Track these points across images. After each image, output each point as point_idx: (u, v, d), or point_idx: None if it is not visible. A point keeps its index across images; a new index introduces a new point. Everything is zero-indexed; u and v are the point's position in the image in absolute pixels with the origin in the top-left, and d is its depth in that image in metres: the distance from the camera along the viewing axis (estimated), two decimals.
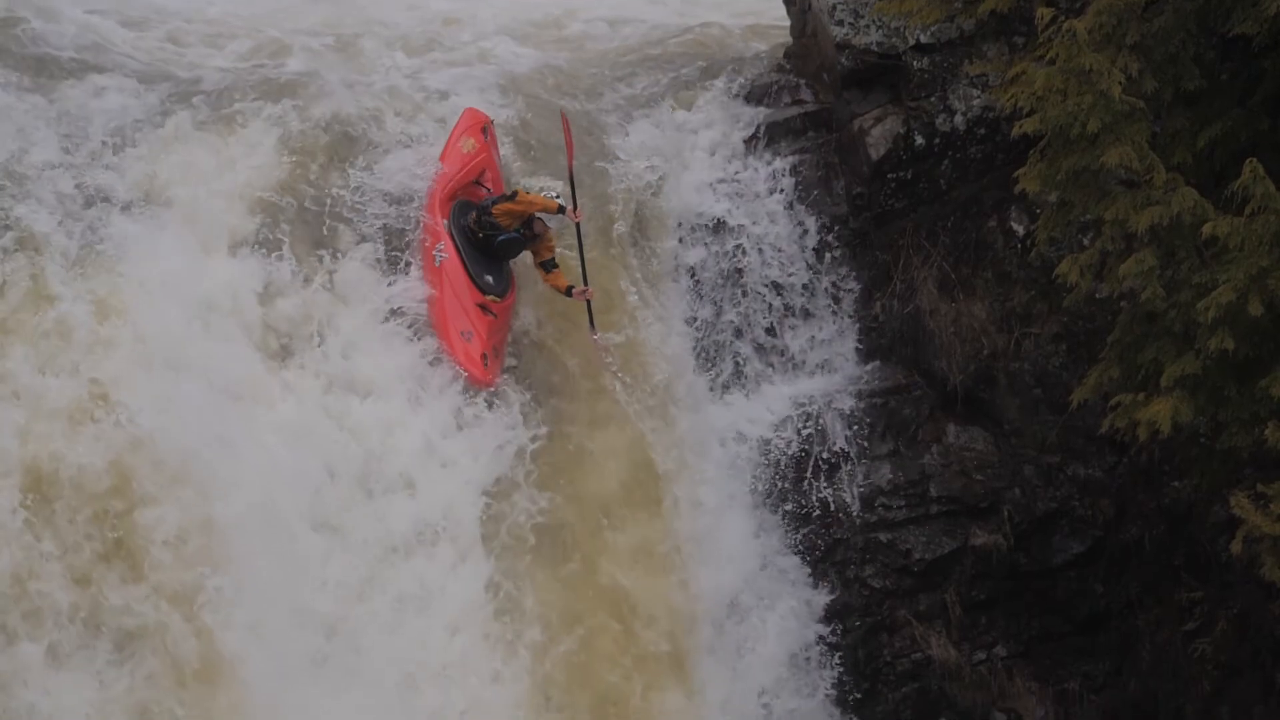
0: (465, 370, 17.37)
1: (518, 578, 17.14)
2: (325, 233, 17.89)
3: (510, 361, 17.97)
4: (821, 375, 19.15)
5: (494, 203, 17.92)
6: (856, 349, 19.25)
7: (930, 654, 18.68)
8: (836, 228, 19.23)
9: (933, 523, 18.88)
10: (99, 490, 15.81)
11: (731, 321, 19.06)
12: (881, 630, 18.80)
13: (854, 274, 19.25)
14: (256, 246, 17.57)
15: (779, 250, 19.08)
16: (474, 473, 17.23)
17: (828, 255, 19.18)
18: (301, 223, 17.84)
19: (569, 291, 17.93)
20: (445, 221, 17.89)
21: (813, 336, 19.15)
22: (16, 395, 15.94)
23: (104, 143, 18.01)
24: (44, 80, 18.75)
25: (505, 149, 19.14)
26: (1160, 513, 18.30)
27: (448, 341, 17.45)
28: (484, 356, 17.44)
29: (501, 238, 17.83)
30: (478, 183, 18.43)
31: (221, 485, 16.06)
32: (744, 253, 19.06)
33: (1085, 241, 17.14)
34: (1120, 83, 15.01)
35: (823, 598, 18.60)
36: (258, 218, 17.75)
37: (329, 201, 18.09)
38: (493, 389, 17.52)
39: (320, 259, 17.72)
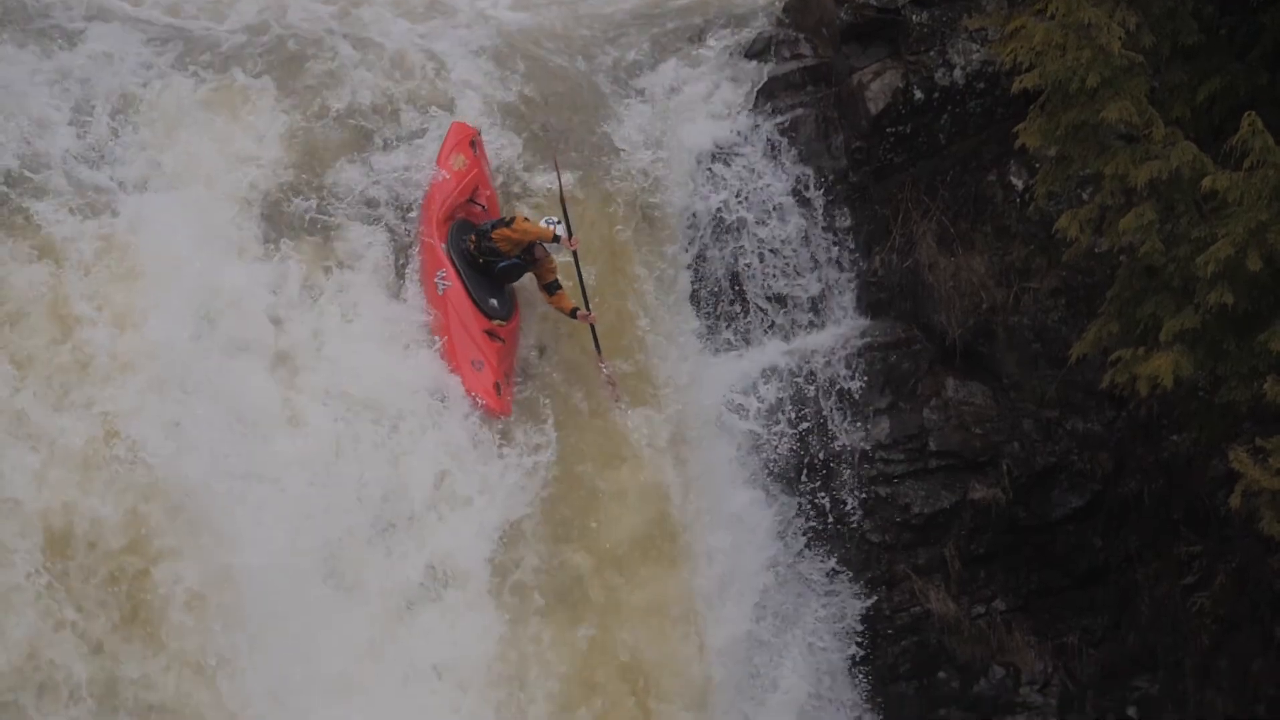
0: (480, 401, 17.13)
1: (525, 641, 16.94)
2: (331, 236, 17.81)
3: (519, 391, 17.74)
4: (819, 330, 19.14)
5: (493, 227, 17.65)
6: (855, 303, 19.24)
7: (929, 608, 18.71)
8: (835, 182, 19.15)
9: (932, 477, 18.89)
10: (115, 547, 15.60)
11: (727, 274, 19.05)
12: (880, 584, 18.81)
13: (853, 228, 19.19)
14: (263, 253, 17.48)
15: (776, 205, 19.00)
16: (486, 517, 16.96)
17: (826, 210, 19.11)
18: (306, 230, 17.74)
19: (574, 313, 17.73)
20: (444, 245, 17.65)
21: (811, 291, 19.09)
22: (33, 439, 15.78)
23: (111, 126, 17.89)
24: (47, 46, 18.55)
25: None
26: (1159, 467, 18.30)
27: (461, 373, 17.22)
28: (497, 385, 17.22)
29: (503, 264, 17.63)
30: (472, 200, 18.19)
31: (237, 532, 15.89)
32: (742, 207, 18.98)
33: (1084, 196, 17.14)
34: (1119, 37, 15.00)
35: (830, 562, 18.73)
36: (262, 216, 17.68)
37: (331, 195, 18.01)
38: (508, 417, 17.28)
39: (329, 272, 17.62)
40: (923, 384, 19.03)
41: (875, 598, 18.79)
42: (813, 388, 18.88)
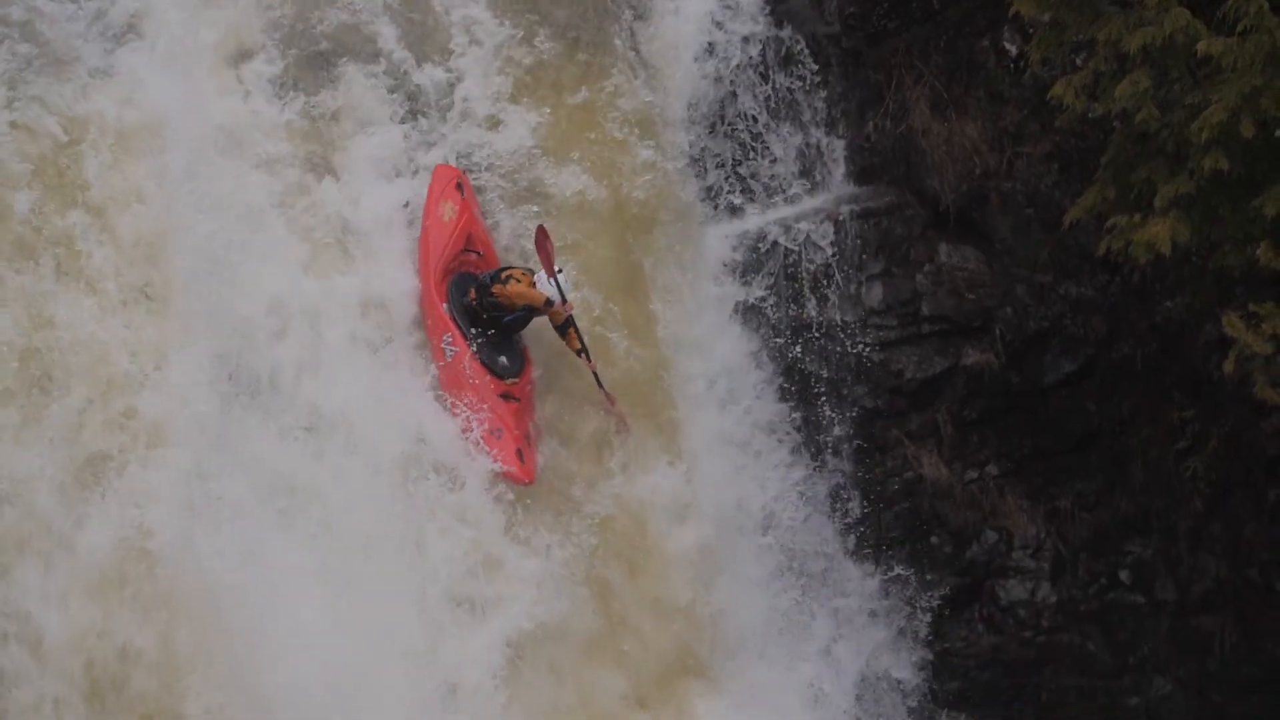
0: (504, 472, 16.76)
1: None
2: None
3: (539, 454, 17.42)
4: (811, 196, 19.04)
5: (492, 280, 17.22)
6: (847, 169, 19.13)
7: (922, 473, 18.73)
8: (828, 47, 18.99)
9: (924, 342, 18.86)
10: (148, 689, 15.42)
11: (719, 140, 18.94)
12: (873, 450, 18.82)
13: (845, 94, 19.07)
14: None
15: (768, 70, 18.85)
16: (498, 624, 16.67)
17: (818, 75, 18.96)
18: None
19: (580, 353, 17.32)
20: (445, 305, 17.24)
21: (802, 157, 18.97)
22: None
23: None
24: None
25: None
26: (1152, 332, 18.26)
27: (483, 445, 16.83)
28: (519, 452, 16.84)
29: (508, 317, 17.26)
30: (468, 249, 17.71)
31: (264, 647, 15.59)
32: (735, 69, 18.82)
33: (1078, 62, 16.95)
34: None
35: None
36: None
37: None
38: (534, 483, 16.92)
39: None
40: (915, 249, 18.94)
41: (867, 463, 18.81)
42: (804, 254, 18.78)
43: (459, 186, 17.59)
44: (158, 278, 16.19)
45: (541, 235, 17.00)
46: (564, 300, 16.98)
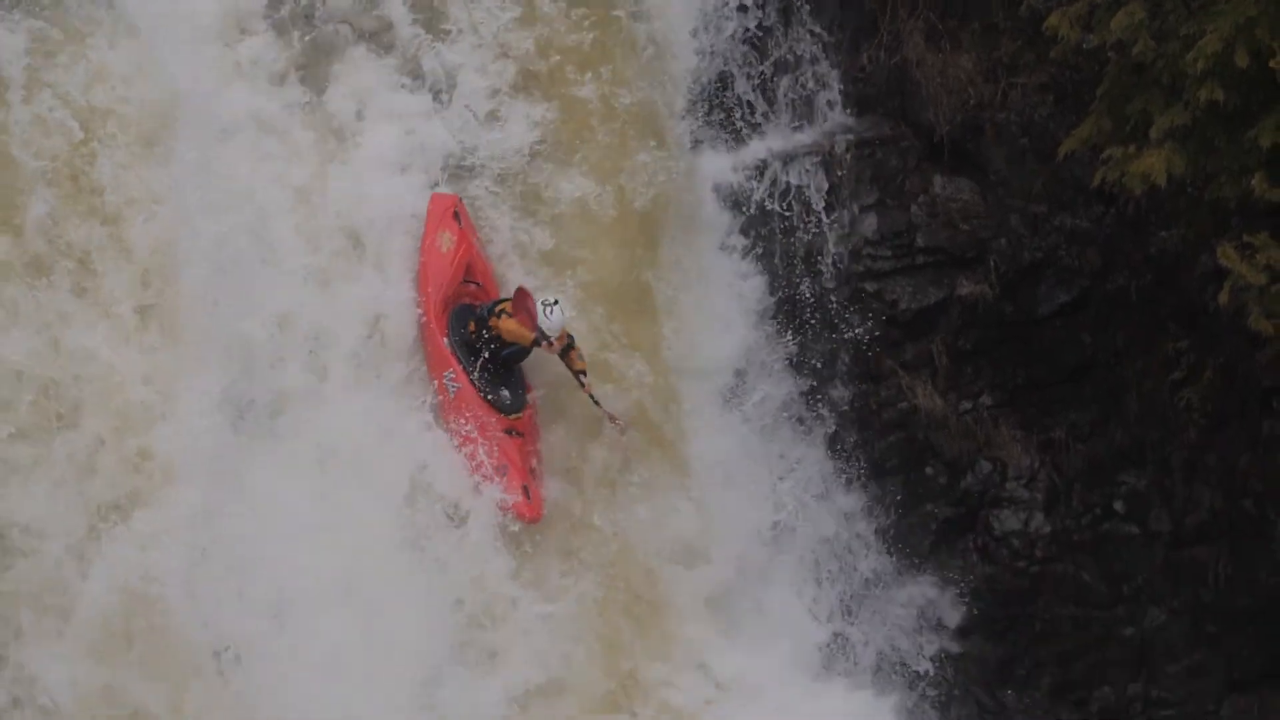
0: (511, 510, 16.64)
1: None
2: None
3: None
4: (806, 127, 18.95)
5: (490, 313, 17.07)
6: (842, 101, 19.04)
7: (916, 403, 18.74)
8: None
9: (919, 273, 18.85)
10: None
11: (715, 70, 18.77)
12: (867, 380, 18.82)
13: (840, 25, 18.96)
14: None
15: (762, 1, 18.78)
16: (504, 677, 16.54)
17: (813, 6, 18.87)
18: None
19: (579, 375, 17.11)
20: (446, 339, 17.04)
21: (798, 88, 18.88)
22: None
23: None
24: None
25: None
26: (1147, 263, 18.24)
27: (488, 483, 16.67)
28: (525, 489, 16.71)
29: (507, 350, 17.10)
30: (467, 279, 17.52)
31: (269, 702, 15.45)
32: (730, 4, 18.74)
33: None
34: None
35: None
36: None
37: None
38: (539, 520, 16.80)
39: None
40: (910, 180, 18.91)
41: (861, 391, 18.81)
42: (800, 184, 18.74)
43: (456, 215, 17.35)
44: (169, 293, 15.89)
45: (521, 295, 16.91)
46: (550, 341, 16.84)
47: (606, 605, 16.92)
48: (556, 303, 16.75)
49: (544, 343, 16.81)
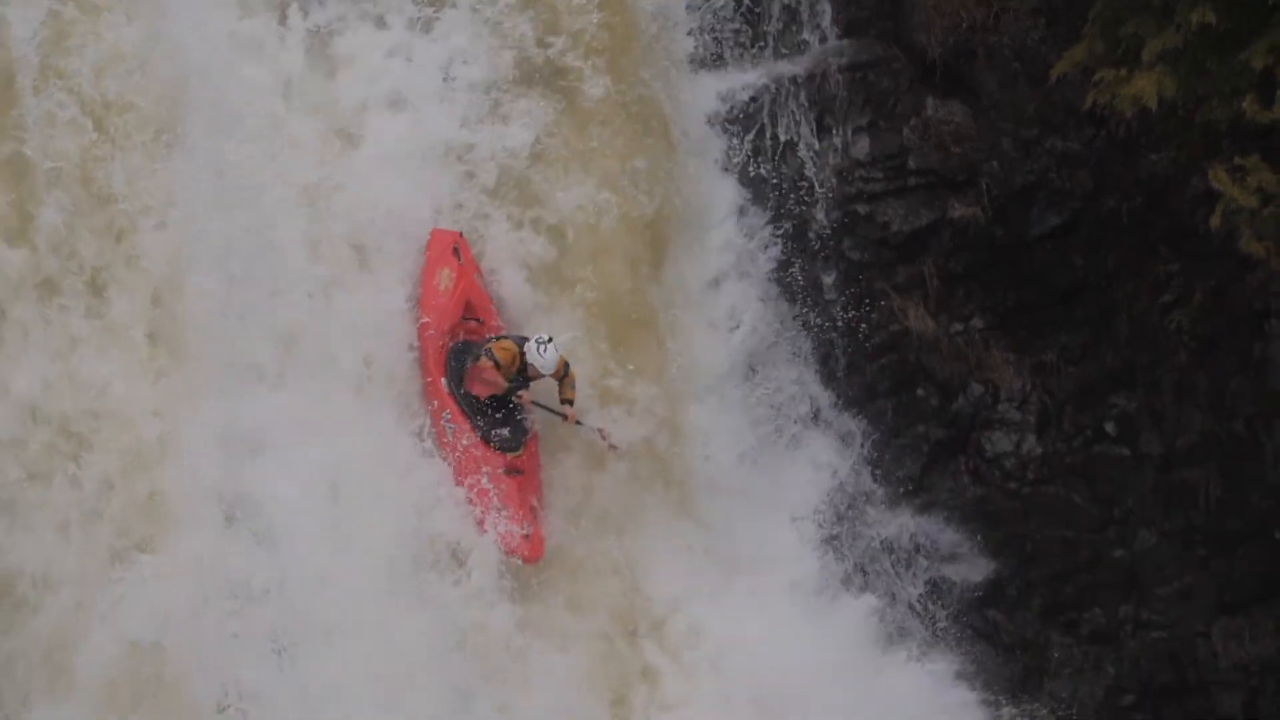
0: (511, 551, 16.62)
1: None
2: None
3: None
4: (798, 49, 18.91)
5: (486, 351, 16.97)
6: (834, 22, 18.97)
7: (908, 325, 18.77)
8: None
9: (911, 195, 18.83)
10: None
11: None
12: (859, 302, 18.82)
13: None
14: None
15: None
16: None
17: None
18: None
19: (566, 403, 17.14)
20: (444, 380, 16.97)
21: (788, 10, 18.79)
22: None
23: None
24: None
25: None
26: (1138, 186, 18.19)
27: (488, 524, 16.67)
28: (525, 529, 16.66)
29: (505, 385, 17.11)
30: (466, 317, 17.44)
31: None
32: None
33: None
34: None
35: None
36: None
37: None
38: (539, 562, 16.79)
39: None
40: (902, 103, 18.85)
41: (853, 314, 18.83)
42: (792, 106, 18.69)
43: (455, 252, 17.28)
44: (178, 309, 15.84)
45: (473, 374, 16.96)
46: (525, 390, 16.96)
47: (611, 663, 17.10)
48: (550, 340, 16.81)
49: (517, 393, 16.87)
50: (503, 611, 16.55)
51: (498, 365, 16.84)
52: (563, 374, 17.01)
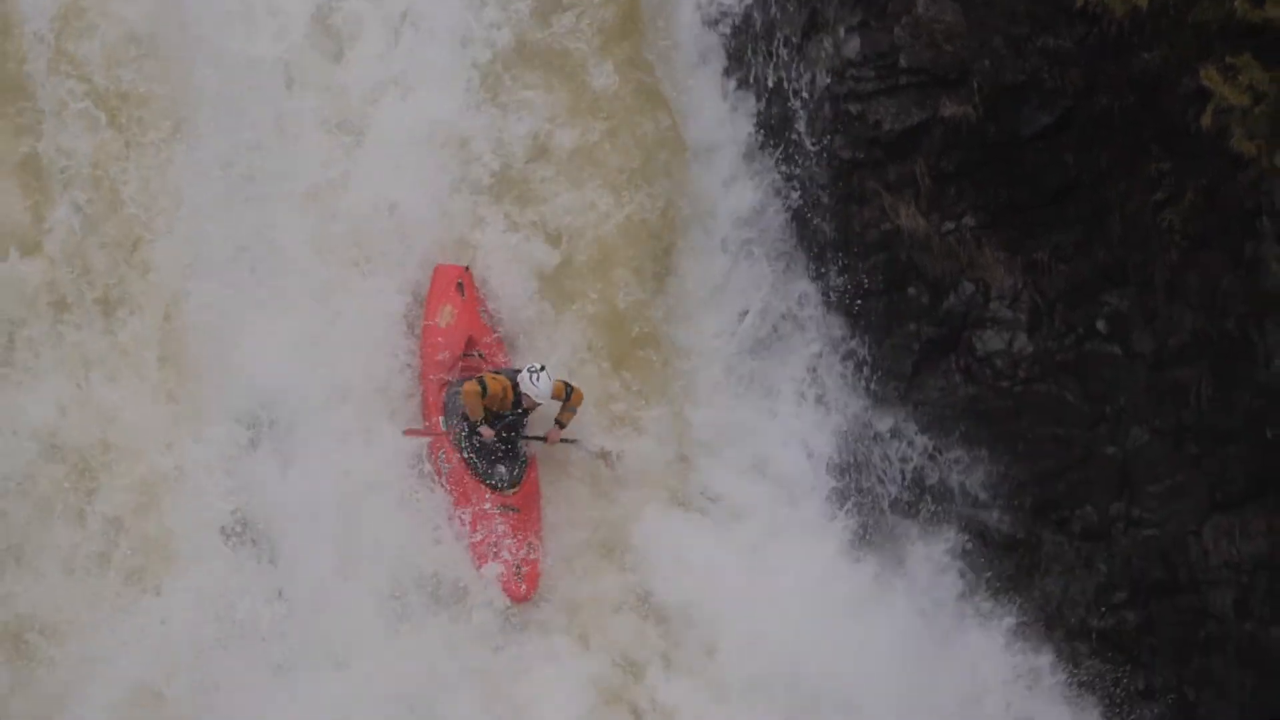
0: (504, 589, 16.77)
1: None
2: None
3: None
4: None
5: (477, 379, 16.99)
6: None
7: (899, 224, 18.76)
8: None
9: (902, 94, 18.74)
10: None
11: None
12: (850, 201, 18.86)
13: None
14: None
15: None
16: None
17: None
18: None
19: (558, 424, 17.29)
20: (441, 418, 17.09)
21: None
22: None
23: None
24: None
25: None
26: (1130, 84, 18.02)
27: (482, 565, 16.84)
28: (518, 569, 16.79)
29: (503, 420, 17.07)
30: (468, 353, 17.53)
31: None
32: None
33: None
34: None
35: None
36: None
37: None
38: (529, 600, 16.91)
39: None
40: (893, 2, 18.72)
41: (844, 212, 18.81)
42: (780, 6, 18.65)
43: (460, 287, 17.41)
44: (185, 323, 15.88)
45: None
46: (487, 425, 16.99)
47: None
48: (543, 368, 16.94)
49: (482, 427, 16.91)
50: (501, 644, 16.82)
51: (484, 393, 16.89)
52: (565, 396, 17.13)
